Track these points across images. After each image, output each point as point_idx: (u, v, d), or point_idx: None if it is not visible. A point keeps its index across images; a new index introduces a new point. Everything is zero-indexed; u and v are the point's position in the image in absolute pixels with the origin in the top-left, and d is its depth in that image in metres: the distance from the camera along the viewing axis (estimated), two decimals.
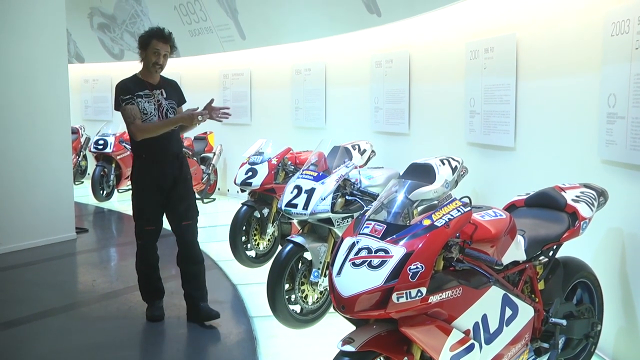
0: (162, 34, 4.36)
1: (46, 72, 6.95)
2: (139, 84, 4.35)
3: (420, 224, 2.42)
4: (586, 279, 3.43)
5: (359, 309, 2.31)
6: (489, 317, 2.63)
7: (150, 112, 4.29)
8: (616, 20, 3.52)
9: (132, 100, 4.24)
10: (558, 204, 3.29)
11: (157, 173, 4.36)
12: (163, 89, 4.41)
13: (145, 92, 4.32)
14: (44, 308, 4.84)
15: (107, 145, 9.32)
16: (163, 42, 4.34)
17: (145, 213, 4.43)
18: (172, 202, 4.42)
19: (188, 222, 4.47)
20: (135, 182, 4.45)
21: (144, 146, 4.31)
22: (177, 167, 4.43)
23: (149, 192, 4.37)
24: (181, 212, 4.44)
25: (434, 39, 6.22)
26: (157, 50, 4.32)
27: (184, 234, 4.46)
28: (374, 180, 4.86)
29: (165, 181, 4.38)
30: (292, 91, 8.85)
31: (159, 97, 4.36)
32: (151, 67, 4.34)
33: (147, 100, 4.30)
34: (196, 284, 4.50)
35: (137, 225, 4.48)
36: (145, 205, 4.41)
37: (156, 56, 4.33)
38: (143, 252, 4.55)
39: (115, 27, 11.08)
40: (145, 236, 4.48)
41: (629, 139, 3.44)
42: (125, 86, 4.33)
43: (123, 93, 4.29)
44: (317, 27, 7.83)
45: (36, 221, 6.80)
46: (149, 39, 4.34)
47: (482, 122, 5.21)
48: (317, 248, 4.20)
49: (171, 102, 4.42)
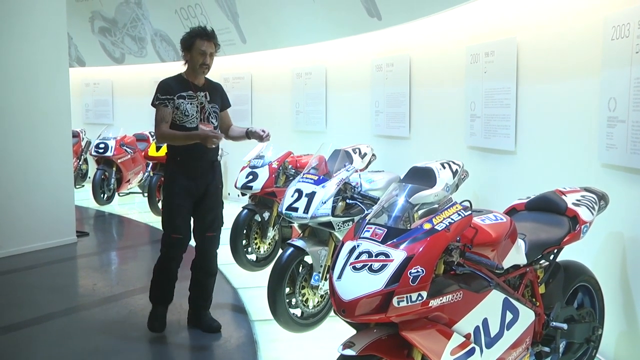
0: (205, 32, 4.16)
1: (47, 76, 6.96)
2: (183, 84, 4.17)
3: (421, 227, 2.42)
4: (587, 282, 3.42)
5: (360, 312, 2.31)
6: (490, 321, 2.62)
7: (192, 114, 4.13)
8: (616, 24, 3.52)
9: (168, 103, 4.09)
10: (559, 207, 3.29)
11: (191, 179, 4.18)
12: (207, 91, 4.25)
13: (189, 93, 4.15)
14: (44, 312, 4.83)
15: (108, 149, 9.32)
16: (207, 40, 4.14)
17: (174, 220, 4.19)
18: (200, 211, 4.25)
19: (212, 234, 4.33)
20: (166, 186, 4.27)
21: (179, 148, 4.15)
22: (210, 174, 4.27)
23: (180, 198, 4.17)
24: (208, 222, 4.28)
25: (435, 42, 6.23)
26: (203, 50, 4.12)
27: (206, 246, 4.33)
28: (374, 184, 4.86)
29: (198, 189, 4.21)
30: (292, 95, 8.86)
31: (202, 99, 4.19)
32: (198, 69, 4.15)
33: (190, 102, 4.13)
34: (204, 293, 4.41)
35: (165, 232, 4.23)
36: (176, 211, 4.19)
37: (203, 57, 4.13)
38: (165, 262, 4.28)
39: (116, 31, 11.10)
40: (171, 245, 4.22)
41: (630, 143, 3.44)
42: (167, 86, 4.15)
43: (162, 92, 4.13)
44: (317, 30, 7.84)
45: (37, 225, 6.81)
46: (193, 39, 4.14)
47: (482, 125, 5.21)
48: (317, 252, 4.20)
49: (214, 105, 4.26)
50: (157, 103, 4.12)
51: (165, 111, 4.10)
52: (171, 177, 4.23)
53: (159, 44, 10.62)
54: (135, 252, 7.23)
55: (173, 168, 4.23)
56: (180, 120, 4.12)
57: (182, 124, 4.12)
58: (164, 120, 4.09)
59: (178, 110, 4.11)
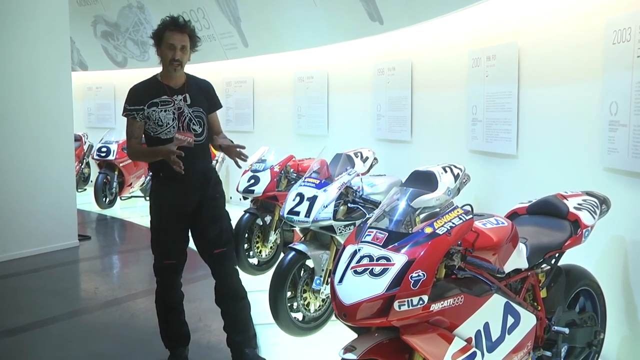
0: (175, 22, 3.56)
1: (50, 80, 6.98)
2: (156, 89, 3.60)
3: (422, 231, 2.42)
4: (589, 287, 3.42)
5: (361, 316, 2.31)
6: (491, 325, 2.62)
7: (167, 123, 3.55)
8: (617, 28, 3.52)
9: (137, 114, 3.56)
10: (560, 211, 3.29)
11: (178, 195, 3.62)
12: (187, 93, 3.63)
13: (162, 99, 3.57)
14: (46, 315, 4.84)
15: (110, 153, 9.34)
16: (178, 32, 3.54)
17: (163, 244, 3.70)
18: (200, 227, 3.71)
19: (221, 250, 3.70)
20: (151, 206, 3.74)
21: (160, 163, 3.54)
22: (203, 186, 3.69)
23: (169, 219, 3.65)
24: (212, 238, 3.69)
25: (436, 46, 6.23)
26: (172, 44, 3.52)
27: (218, 265, 3.73)
28: (376, 187, 4.86)
29: (189, 205, 3.65)
30: (294, 99, 8.87)
31: (180, 103, 3.59)
32: (169, 66, 3.56)
33: (164, 109, 3.56)
34: (238, 326, 3.80)
35: (155, 259, 3.76)
36: (163, 235, 3.69)
37: (172, 51, 3.52)
38: (161, 291, 3.80)
39: (119, 35, 11.12)
40: (164, 273, 3.75)
41: (631, 147, 3.44)
42: (136, 94, 3.63)
43: (129, 102, 3.61)
44: (319, 34, 7.85)
45: (39, 228, 6.82)
46: (161, 32, 3.57)
47: (484, 129, 5.21)
48: (319, 256, 4.20)
49: (197, 109, 3.64)
50: (125, 115, 3.61)
51: (134, 125, 3.58)
52: (156, 196, 3.72)
53: None
54: (137, 256, 7.23)
55: (157, 186, 3.74)
56: (155, 132, 3.57)
57: (156, 135, 3.57)
58: (133, 136, 3.59)
59: (150, 121, 3.56)
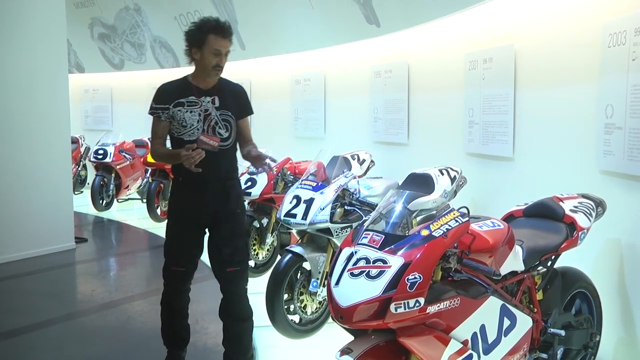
0: (221, 27, 3.40)
1: (46, 82, 6.98)
2: (184, 89, 3.48)
3: (418, 234, 2.43)
4: (585, 289, 3.43)
5: (357, 319, 2.32)
6: (487, 328, 2.63)
7: (192, 124, 3.43)
8: (613, 32, 3.54)
9: (162, 113, 3.45)
10: (556, 214, 3.30)
11: (195, 206, 3.52)
12: (217, 95, 3.50)
13: (189, 99, 3.45)
14: (42, 318, 4.83)
15: (107, 155, 9.33)
16: (223, 37, 3.40)
17: (174, 251, 3.61)
18: (215, 242, 3.57)
19: (234, 269, 3.58)
20: (169, 210, 3.70)
21: (181, 166, 3.39)
22: (222, 198, 3.54)
23: (182, 227, 3.57)
24: (226, 256, 3.56)
25: (433, 49, 6.25)
26: (218, 49, 3.39)
27: (228, 284, 3.62)
28: (373, 190, 4.88)
29: (205, 218, 3.54)
30: (291, 101, 8.87)
31: (207, 105, 3.46)
32: (211, 71, 3.43)
33: (190, 110, 3.44)
34: (239, 346, 3.70)
35: (165, 263, 3.67)
36: (176, 241, 3.60)
37: (217, 57, 3.40)
38: (167, 296, 3.72)
39: (116, 37, 11.12)
40: (172, 279, 3.66)
41: (627, 150, 3.45)
42: (164, 92, 3.51)
43: (157, 100, 3.50)
44: (316, 37, 7.86)
45: (35, 231, 6.81)
46: (205, 35, 3.39)
47: (480, 132, 5.23)
48: (316, 258, 4.20)
49: (225, 113, 3.50)
50: (150, 113, 3.54)
51: (159, 124, 3.50)
52: (174, 200, 3.65)
53: (158, 51, 10.64)
54: (133, 258, 7.23)
55: (176, 190, 3.65)
56: (178, 132, 3.49)
57: (179, 136, 3.49)
58: (157, 136, 3.53)
59: (174, 120, 3.48)
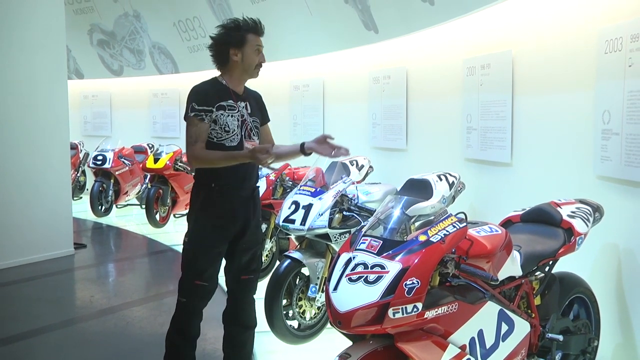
0: (258, 27, 3.33)
1: (46, 88, 6.99)
2: (222, 92, 3.31)
3: (416, 239, 2.44)
4: (583, 294, 3.44)
5: (356, 324, 2.32)
6: (485, 333, 2.64)
7: (233, 129, 3.27)
8: (609, 38, 3.56)
9: (205, 116, 3.22)
10: (554, 219, 3.31)
11: (228, 215, 3.32)
12: (248, 101, 3.41)
13: (229, 103, 3.29)
14: (41, 324, 4.83)
15: (106, 161, 9.33)
16: (260, 36, 3.35)
17: (200, 263, 3.32)
18: (235, 251, 3.41)
19: (248, 277, 3.48)
20: (195, 219, 3.34)
21: (217, 172, 3.25)
22: (253, 207, 3.42)
23: (213, 239, 3.31)
24: (244, 264, 3.44)
25: (431, 55, 6.27)
26: (259, 47, 3.33)
27: (241, 292, 3.50)
28: (371, 195, 4.89)
29: (235, 226, 3.35)
30: (290, 107, 8.89)
31: (243, 111, 3.34)
32: (254, 70, 3.35)
33: (231, 114, 3.28)
34: (242, 353, 3.54)
35: (185, 276, 3.35)
36: (202, 252, 3.32)
37: (258, 55, 3.33)
38: (183, 316, 3.39)
39: (115, 44, 11.15)
40: (194, 294, 3.35)
41: (624, 155, 3.47)
42: (204, 93, 3.28)
43: (199, 101, 3.25)
44: (315, 43, 7.89)
45: (34, 237, 6.81)
46: (244, 34, 3.28)
47: (478, 138, 5.25)
48: (314, 263, 4.21)
49: (255, 119, 3.42)
50: (193, 115, 3.23)
51: (202, 127, 3.22)
52: (202, 207, 3.32)
53: (157, 57, 10.67)
54: (132, 264, 7.23)
55: (205, 199, 3.32)
56: (219, 138, 3.25)
57: (220, 142, 3.26)
58: (200, 139, 3.22)
59: (216, 125, 3.25)
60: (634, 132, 3.38)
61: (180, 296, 3.38)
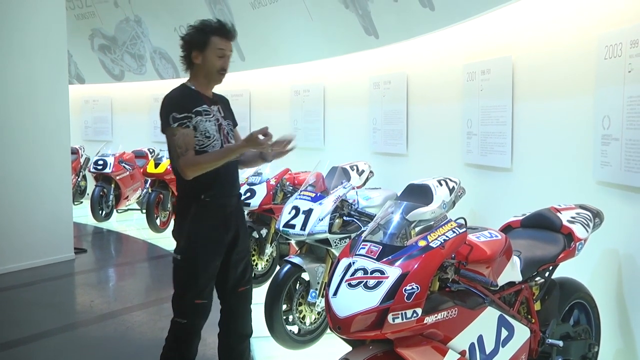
0: (225, 28, 3.17)
1: (47, 93, 7.01)
2: (195, 97, 3.15)
3: (416, 245, 2.44)
4: (583, 299, 3.43)
5: (355, 329, 2.32)
6: (485, 338, 2.63)
7: (213, 134, 3.12)
8: (609, 44, 3.57)
9: (189, 122, 3.06)
10: (554, 225, 3.31)
11: (220, 223, 3.18)
12: (219, 105, 3.28)
13: (204, 108, 3.13)
14: (41, 329, 4.83)
15: (107, 166, 9.34)
16: (227, 39, 3.17)
17: (201, 281, 3.15)
18: (229, 261, 3.26)
19: (245, 288, 3.36)
20: (189, 234, 3.14)
21: (204, 182, 3.08)
22: (240, 213, 3.32)
23: (210, 250, 3.15)
24: (239, 275, 3.30)
25: (431, 60, 6.28)
26: (222, 50, 3.15)
27: (239, 304, 3.36)
28: (371, 201, 4.88)
29: (228, 234, 3.21)
30: (291, 112, 8.90)
31: (217, 114, 3.20)
32: (216, 75, 3.17)
33: (208, 119, 3.12)
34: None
35: (184, 296, 3.17)
36: (202, 269, 3.14)
37: (222, 60, 3.15)
38: (183, 338, 3.19)
39: (116, 49, 11.17)
40: (194, 314, 3.18)
41: (624, 161, 3.47)
42: (180, 100, 3.11)
43: (177, 109, 3.06)
44: (315, 48, 7.90)
45: (35, 241, 6.81)
46: (207, 36, 3.13)
47: (479, 143, 5.25)
48: (314, 269, 4.21)
49: (229, 123, 3.29)
50: (176, 124, 3.04)
51: (188, 134, 3.05)
52: (194, 225, 3.14)
53: (158, 62, 10.69)
54: (133, 269, 7.23)
55: (197, 213, 3.15)
56: (201, 145, 3.10)
57: (203, 149, 3.10)
58: (190, 147, 3.06)
59: (197, 132, 3.09)
60: (634, 138, 3.39)
61: (178, 317, 3.18)
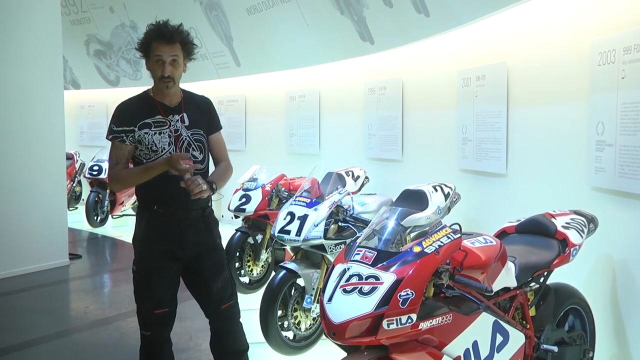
0: (161, 31, 2.93)
1: (42, 98, 7.00)
2: (148, 107, 3.00)
3: (411, 250, 2.44)
4: (577, 305, 3.44)
5: (350, 335, 2.32)
6: (480, 344, 2.64)
7: (163, 147, 2.97)
8: (602, 50, 3.59)
9: (126, 137, 2.96)
10: (548, 230, 3.32)
11: (173, 239, 3.02)
12: (185, 113, 3.04)
13: (156, 119, 2.98)
14: (36, 335, 4.81)
15: (102, 171, 9.32)
16: (166, 43, 2.92)
17: (156, 290, 3.04)
18: (201, 280, 3.11)
19: (228, 304, 3.18)
20: (141, 244, 3.07)
21: (155, 192, 2.99)
22: (203, 228, 3.11)
23: (163, 260, 3.03)
24: (218, 292, 3.13)
25: (427, 66, 6.30)
26: (160, 56, 2.92)
27: (226, 321, 3.20)
28: (367, 206, 4.88)
29: (185, 252, 3.04)
30: (286, 117, 8.91)
31: (176, 125, 3.00)
32: (159, 83, 2.97)
33: (159, 131, 2.97)
34: None
35: (143, 309, 3.08)
36: (157, 278, 3.03)
37: (160, 66, 2.93)
38: (150, 352, 3.12)
39: (112, 54, 11.18)
40: (156, 325, 3.07)
41: (618, 166, 3.48)
42: (124, 112, 3.00)
43: (117, 122, 2.98)
44: (311, 54, 7.92)
45: (29, 247, 6.78)
46: (148, 42, 2.96)
47: (474, 149, 5.26)
48: (310, 274, 4.20)
49: (197, 132, 3.06)
50: (111, 137, 2.99)
51: (123, 149, 2.97)
52: (145, 232, 3.05)
53: None
54: (127, 275, 7.16)
55: (148, 221, 3.05)
56: (148, 159, 2.97)
57: (150, 162, 2.98)
58: (120, 162, 2.98)
59: (142, 145, 2.98)
60: (628, 144, 3.41)
61: (142, 329, 3.11)
